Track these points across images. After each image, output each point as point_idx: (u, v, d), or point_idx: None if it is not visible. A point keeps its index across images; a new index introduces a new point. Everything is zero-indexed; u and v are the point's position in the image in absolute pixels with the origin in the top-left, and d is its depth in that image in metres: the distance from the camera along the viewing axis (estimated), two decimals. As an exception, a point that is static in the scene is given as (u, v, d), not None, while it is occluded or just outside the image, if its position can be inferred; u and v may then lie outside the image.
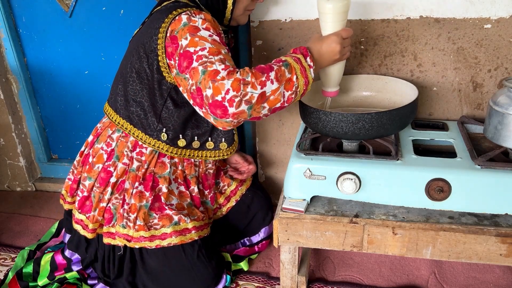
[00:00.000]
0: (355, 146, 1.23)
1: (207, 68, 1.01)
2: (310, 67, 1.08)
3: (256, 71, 1.02)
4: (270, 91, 1.02)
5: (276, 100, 1.03)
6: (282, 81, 1.03)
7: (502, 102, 1.11)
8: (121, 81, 1.25)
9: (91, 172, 1.32)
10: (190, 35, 1.06)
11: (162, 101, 1.21)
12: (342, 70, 1.22)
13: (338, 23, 1.13)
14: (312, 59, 1.08)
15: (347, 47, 1.14)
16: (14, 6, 1.76)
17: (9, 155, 1.99)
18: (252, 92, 0.99)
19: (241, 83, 0.99)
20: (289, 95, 1.05)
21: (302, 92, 1.08)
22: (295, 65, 1.06)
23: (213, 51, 1.04)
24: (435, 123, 1.39)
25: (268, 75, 1.02)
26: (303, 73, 1.06)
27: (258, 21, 1.45)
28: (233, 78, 0.99)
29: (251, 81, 1.00)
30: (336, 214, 1.15)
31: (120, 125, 1.27)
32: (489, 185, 1.07)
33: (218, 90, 0.99)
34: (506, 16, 1.29)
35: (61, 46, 1.81)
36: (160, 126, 1.24)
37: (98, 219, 1.32)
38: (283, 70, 1.04)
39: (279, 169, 1.72)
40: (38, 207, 1.92)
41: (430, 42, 1.37)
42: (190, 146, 1.29)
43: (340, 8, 1.11)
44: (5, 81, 1.87)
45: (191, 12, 1.10)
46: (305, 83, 1.07)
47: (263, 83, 1.01)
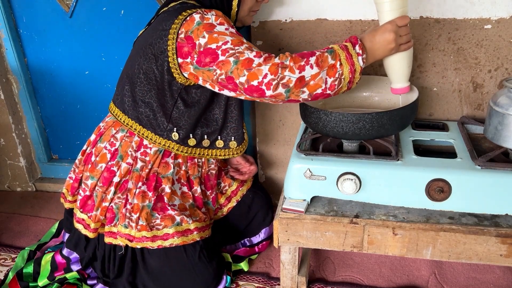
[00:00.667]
0: (355, 146, 1.23)
1: (239, 58, 1.03)
2: (359, 55, 1.04)
3: (296, 55, 1.03)
4: (310, 75, 1.02)
5: (317, 86, 1.03)
6: (324, 66, 1.02)
7: (502, 103, 1.11)
8: (128, 82, 1.25)
9: (93, 172, 1.32)
10: (207, 32, 1.07)
11: (173, 102, 1.21)
12: (408, 63, 1.14)
13: (394, 11, 1.07)
14: (362, 47, 1.05)
15: (405, 36, 1.07)
16: (14, 6, 1.76)
17: (10, 155, 1.99)
18: (290, 76, 1.01)
19: (279, 67, 1.01)
20: (332, 82, 1.03)
21: (348, 80, 1.05)
22: (340, 52, 1.04)
23: (236, 42, 1.05)
24: (435, 123, 1.39)
25: (308, 59, 1.02)
26: (349, 60, 1.03)
27: (258, 22, 1.46)
28: (271, 63, 1.02)
29: (289, 65, 1.01)
30: (336, 215, 1.15)
31: (129, 126, 1.27)
32: (489, 186, 1.07)
33: (255, 75, 1.02)
34: (506, 16, 1.29)
35: (61, 46, 1.81)
36: (170, 126, 1.25)
37: (100, 218, 1.32)
38: (325, 56, 1.03)
39: (279, 170, 1.72)
40: (39, 207, 1.92)
41: (430, 43, 1.37)
42: (200, 144, 1.30)
43: None
44: (5, 81, 1.87)
45: (202, 10, 1.11)
46: (351, 70, 1.04)
47: (302, 67, 1.01)
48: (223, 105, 1.28)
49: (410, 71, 1.16)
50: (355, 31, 1.40)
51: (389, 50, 1.07)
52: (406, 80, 1.17)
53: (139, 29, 1.34)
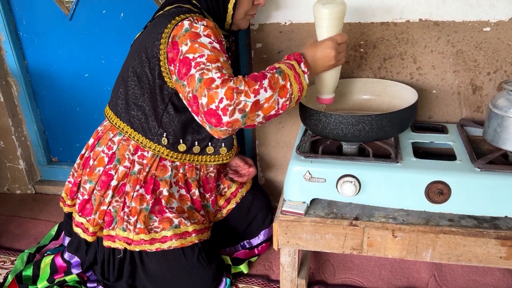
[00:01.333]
0: (354, 148, 1.23)
1: (203, 76, 1.01)
2: (304, 73, 1.07)
3: (249, 79, 1.01)
4: (264, 99, 1.01)
5: (271, 108, 1.03)
6: (276, 88, 1.02)
7: (502, 105, 1.11)
8: (122, 85, 1.25)
9: (91, 175, 1.32)
10: (190, 41, 1.06)
11: (163, 106, 1.21)
12: (337, 77, 1.20)
13: (333, 28, 1.11)
14: (306, 64, 1.07)
15: (342, 52, 1.12)
16: (14, 9, 1.77)
17: (9, 157, 1.99)
18: (246, 101, 0.99)
19: (234, 92, 0.98)
20: (283, 102, 1.04)
21: (296, 98, 1.07)
22: (289, 72, 1.05)
23: (211, 59, 1.04)
24: (434, 125, 1.39)
25: (262, 83, 1.01)
26: (297, 80, 1.05)
27: (258, 24, 1.46)
28: (227, 87, 0.98)
29: (244, 90, 0.99)
30: (336, 217, 1.15)
31: (120, 128, 1.27)
32: (489, 188, 1.07)
33: (212, 98, 0.98)
34: (505, 19, 1.29)
35: (61, 49, 1.81)
36: (161, 131, 1.24)
37: (99, 222, 1.32)
38: (276, 77, 1.03)
39: (279, 172, 1.72)
40: (38, 210, 1.91)
41: (430, 45, 1.37)
42: (190, 151, 1.29)
43: (336, 14, 1.09)
44: (5, 83, 1.87)
45: (193, 18, 1.10)
46: (299, 89, 1.06)
47: (257, 91, 1.00)
48: None
49: (337, 83, 1.22)
50: (354, 34, 1.40)
51: (329, 66, 1.11)
52: (333, 91, 1.22)
53: (138, 31, 1.34)
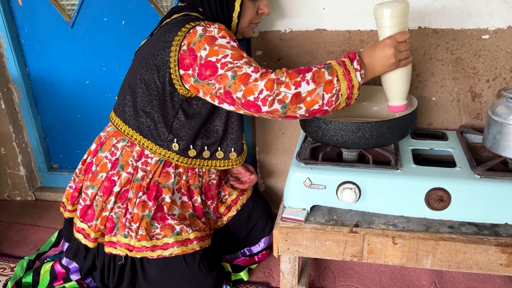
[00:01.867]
0: (354, 155, 1.23)
1: (236, 72, 1.03)
2: (357, 71, 1.03)
3: (292, 71, 1.03)
4: (306, 91, 1.01)
5: (314, 102, 1.02)
6: (320, 82, 1.01)
7: (501, 112, 1.11)
8: (129, 92, 1.25)
9: (94, 181, 1.32)
10: (208, 45, 1.07)
11: (174, 113, 1.22)
12: (405, 80, 1.12)
13: (396, 27, 1.06)
14: (360, 63, 1.04)
15: (405, 51, 1.06)
16: (16, 16, 1.78)
17: (10, 164, 1.99)
18: (286, 92, 1.00)
19: (274, 83, 1.01)
20: (329, 98, 1.02)
21: (346, 96, 1.04)
22: (338, 68, 1.03)
23: (236, 56, 1.06)
24: (434, 132, 1.40)
25: (304, 75, 1.01)
26: (346, 76, 1.02)
27: (258, 32, 1.47)
28: (267, 79, 1.01)
29: (285, 81, 1.01)
30: (336, 224, 1.15)
31: (129, 135, 1.28)
32: (489, 195, 1.07)
33: (251, 90, 1.02)
34: (504, 27, 1.30)
35: (62, 56, 1.82)
36: (171, 137, 1.25)
37: (100, 228, 1.32)
38: (322, 72, 1.02)
39: (279, 179, 1.72)
40: (38, 217, 1.91)
41: (429, 53, 1.38)
42: (200, 156, 1.30)
43: (398, 12, 1.04)
44: (6, 90, 1.88)
45: (205, 23, 1.12)
46: (348, 86, 1.03)
47: (298, 83, 1.01)
48: (224, 117, 1.28)
49: (408, 89, 1.14)
50: (354, 41, 1.41)
51: (389, 66, 1.06)
52: (404, 98, 1.15)
53: (139, 39, 1.35)
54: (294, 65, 1.49)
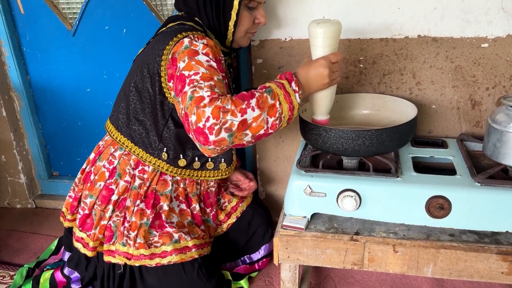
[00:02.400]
0: (355, 163, 1.23)
1: (194, 94, 1.02)
2: (295, 92, 1.06)
3: (237, 98, 1.02)
4: (252, 118, 1.01)
5: (259, 127, 1.02)
6: (264, 107, 1.02)
7: (501, 120, 1.12)
8: (124, 99, 1.26)
9: (92, 190, 1.32)
10: (188, 58, 1.08)
11: (164, 121, 1.22)
12: (331, 97, 1.19)
13: (328, 47, 1.11)
14: (298, 83, 1.07)
15: (337, 71, 1.12)
16: (18, 25, 1.79)
17: (10, 172, 1.99)
18: (232, 120, 0.99)
19: (220, 111, 0.98)
20: (273, 121, 1.04)
21: (287, 117, 1.06)
22: (278, 91, 1.05)
23: (205, 77, 1.05)
24: (434, 140, 1.40)
25: (249, 102, 1.01)
26: (287, 99, 1.05)
27: (258, 40, 1.48)
28: (214, 106, 0.99)
29: (231, 109, 0.99)
30: (336, 232, 1.15)
31: (121, 142, 1.28)
32: (489, 203, 1.07)
33: (200, 117, 0.99)
34: (503, 35, 1.31)
35: (64, 64, 1.83)
36: (161, 145, 1.25)
37: (99, 237, 1.32)
38: (265, 96, 1.03)
39: (279, 186, 1.72)
40: (38, 224, 1.91)
41: (428, 61, 1.39)
42: (190, 166, 1.30)
43: (331, 33, 1.10)
44: (7, 98, 1.89)
45: (194, 36, 1.12)
46: (290, 108, 1.05)
47: (244, 110, 1.00)
48: None
49: (332, 104, 1.21)
50: (353, 49, 1.42)
51: (322, 85, 1.11)
52: (328, 112, 1.21)
53: (140, 47, 1.36)
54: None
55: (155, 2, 1.68)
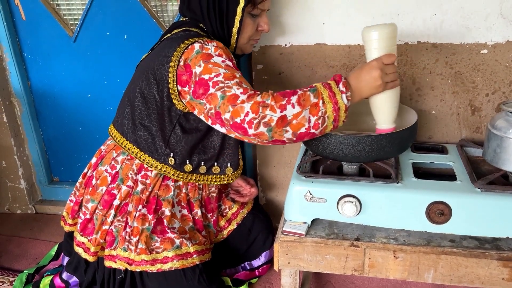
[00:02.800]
0: (355, 169, 1.23)
1: (225, 93, 1.03)
2: (342, 93, 1.03)
3: (277, 94, 1.03)
4: (292, 115, 1.01)
5: (300, 125, 1.01)
6: (306, 105, 1.01)
7: (500, 126, 1.12)
8: (128, 105, 1.26)
9: (94, 195, 1.32)
10: (203, 62, 1.08)
11: (171, 127, 1.22)
12: (392, 103, 1.13)
13: (382, 49, 1.07)
14: (346, 85, 1.04)
15: (391, 74, 1.06)
16: (20, 31, 1.80)
17: (10, 177, 1.99)
18: (271, 115, 1.00)
19: (260, 105, 1.01)
20: (315, 121, 1.02)
21: (332, 118, 1.03)
22: (323, 90, 1.03)
23: (228, 76, 1.06)
24: (434, 146, 1.40)
25: (290, 99, 1.01)
26: (332, 98, 1.02)
27: (259, 46, 1.48)
28: (253, 101, 1.01)
29: (271, 104, 1.01)
30: (337, 237, 1.15)
31: (126, 148, 1.28)
32: (490, 208, 1.07)
33: (238, 112, 1.01)
34: (502, 41, 1.31)
35: (65, 70, 1.84)
36: (167, 151, 1.25)
37: (100, 241, 1.32)
38: (307, 94, 1.02)
39: (280, 192, 1.72)
40: (38, 230, 1.91)
41: (428, 67, 1.39)
42: (196, 170, 1.30)
43: (385, 34, 1.06)
44: (8, 104, 1.89)
45: (203, 40, 1.13)
46: (334, 109, 1.02)
47: (283, 106, 1.01)
48: (221, 132, 1.28)
49: (396, 112, 1.15)
50: (354, 56, 1.42)
51: (376, 88, 1.06)
52: (392, 121, 1.15)
53: (141, 53, 1.37)
54: (294, 79, 1.50)
55: (156, 9, 1.69)
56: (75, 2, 1.73)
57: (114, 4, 1.68)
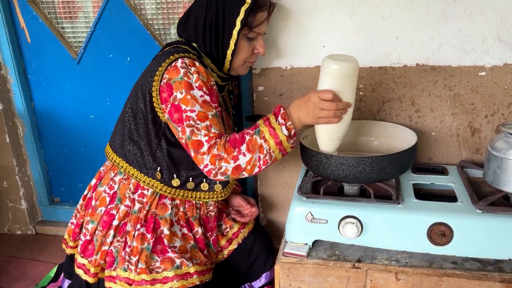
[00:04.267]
0: (356, 189, 1.24)
1: (192, 135, 1.13)
2: (282, 125, 1.11)
3: (229, 145, 1.11)
4: (245, 162, 1.11)
5: (253, 167, 1.12)
6: (255, 150, 1.11)
7: (500, 147, 1.13)
8: (121, 122, 1.29)
9: (94, 216, 1.32)
10: (185, 91, 1.13)
11: (157, 140, 1.24)
12: (327, 136, 1.16)
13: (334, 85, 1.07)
14: (285, 116, 1.11)
15: (326, 110, 1.09)
16: (25, 53, 1.83)
17: (11, 197, 1.99)
18: (226, 166, 1.11)
19: (216, 159, 1.11)
20: (263, 158, 1.11)
21: (278, 150, 1.12)
22: (264, 129, 1.12)
23: (201, 117, 1.13)
24: (435, 167, 1.41)
25: (240, 149, 1.11)
26: (273, 134, 1.10)
27: (260, 68, 1.50)
28: (211, 154, 1.11)
29: (224, 157, 1.11)
30: (338, 259, 1.14)
31: (116, 163, 1.29)
32: (491, 230, 1.07)
33: (199, 162, 1.14)
34: (500, 64, 1.33)
35: (68, 91, 1.86)
36: (155, 165, 1.26)
37: (100, 262, 1.31)
38: (254, 138, 1.11)
39: (281, 213, 1.71)
40: (38, 251, 1.90)
41: (427, 89, 1.41)
42: (184, 186, 1.30)
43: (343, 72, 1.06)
44: (11, 124, 1.91)
45: (187, 64, 1.15)
46: (276, 142, 1.10)
47: (236, 157, 1.11)
48: None
49: (336, 145, 1.18)
50: (353, 78, 1.44)
51: (309, 119, 1.11)
52: (329, 151, 1.18)
53: (144, 75, 1.39)
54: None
55: (159, 32, 1.72)
56: (80, 25, 1.77)
57: (118, 27, 1.72)
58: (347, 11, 1.37)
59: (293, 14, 1.41)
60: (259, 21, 1.24)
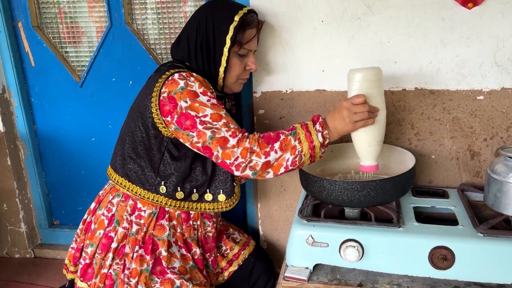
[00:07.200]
0: (357, 213, 1.23)
1: (215, 134, 1.12)
2: (318, 132, 1.13)
3: (263, 141, 1.13)
4: (274, 159, 1.12)
5: (280, 165, 1.13)
6: (287, 149, 1.12)
7: (500, 170, 1.13)
8: (120, 142, 1.31)
9: (93, 239, 1.32)
10: (190, 100, 1.14)
11: (160, 155, 1.25)
12: (366, 141, 1.17)
13: (362, 91, 1.13)
14: (322, 124, 1.14)
15: (360, 113, 1.11)
16: (28, 76, 1.85)
17: (11, 220, 1.99)
18: (257, 160, 1.11)
19: (248, 152, 1.11)
20: (292, 159, 1.12)
21: (308, 155, 1.13)
22: (300, 131, 1.13)
23: (215, 117, 1.13)
24: (435, 190, 1.41)
25: (273, 146, 1.12)
26: (308, 138, 1.12)
27: (260, 92, 1.52)
28: (243, 147, 1.11)
29: (257, 151, 1.11)
30: (339, 283, 1.13)
31: (119, 183, 1.29)
32: (493, 254, 1.06)
33: (228, 156, 1.12)
34: (497, 88, 1.35)
35: (70, 114, 1.87)
36: (158, 180, 1.26)
37: (100, 286, 1.30)
38: (289, 139, 1.12)
39: (281, 236, 1.70)
40: (36, 275, 1.88)
41: (426, 112, 1.42)
42: (189, 198, 1.30)
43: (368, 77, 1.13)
44: (13, 147, 1.92)
45: (184, 75, 1.17)
46: (310, 146, 1.12)
47: (267, 153, 1.11)
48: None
49: (376, 150, 1.18)
50: (353, 101, 1.45)
51: (345, 126, 1.13)
52: (371, 158, 1.19)
53: (146, 98, 1.40)
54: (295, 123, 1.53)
55: (161, 56, 1.75)
56: (83, 50, 1.80)
57: (121, 51, 1.75)
58: (346, 36, 1.40)
59: (294, 40, 1.44)
60: (248, 38, 1.28)
